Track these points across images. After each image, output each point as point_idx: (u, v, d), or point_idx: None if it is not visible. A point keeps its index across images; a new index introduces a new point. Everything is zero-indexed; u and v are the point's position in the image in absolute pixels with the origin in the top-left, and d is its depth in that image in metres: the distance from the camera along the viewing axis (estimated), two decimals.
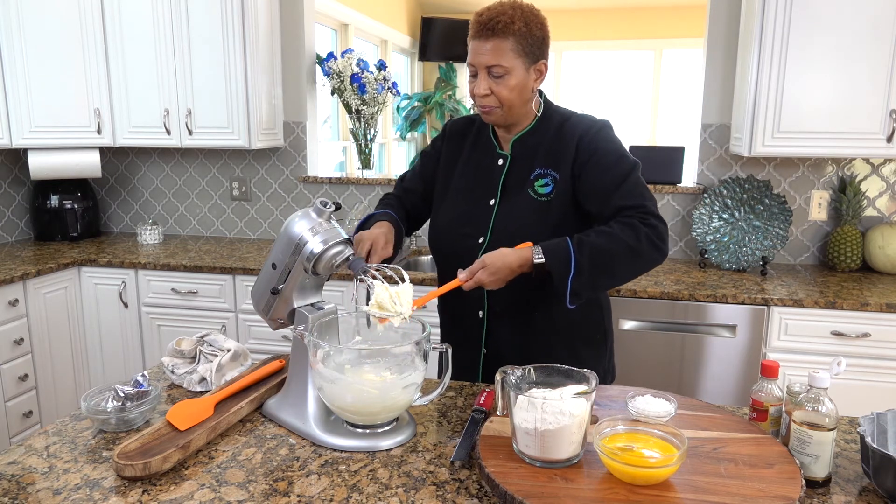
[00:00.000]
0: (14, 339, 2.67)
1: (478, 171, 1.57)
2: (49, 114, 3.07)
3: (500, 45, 1.39)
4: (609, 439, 1.08)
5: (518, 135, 1.53)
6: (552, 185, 1.48)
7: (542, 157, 1.50)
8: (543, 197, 1.48)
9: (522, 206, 1.49)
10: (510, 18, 1.39)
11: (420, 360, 1.23)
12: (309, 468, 1.15)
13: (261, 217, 3.54)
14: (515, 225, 1.49)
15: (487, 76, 1.42)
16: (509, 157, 1.53)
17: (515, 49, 1.40)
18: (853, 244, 2.77)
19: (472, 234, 1.52)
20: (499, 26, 1.38)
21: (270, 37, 3.21)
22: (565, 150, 1.48)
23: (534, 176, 1.50)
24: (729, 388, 2.51)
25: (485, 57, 1.40)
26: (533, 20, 1.41)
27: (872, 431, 1.12)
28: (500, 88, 1.42)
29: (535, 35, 1.42)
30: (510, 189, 1.52)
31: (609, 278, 1.40)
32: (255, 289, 1.40)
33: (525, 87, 1.45)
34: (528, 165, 1.51)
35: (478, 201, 1.54)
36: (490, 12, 1.40)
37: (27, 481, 1.11)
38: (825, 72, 2.51)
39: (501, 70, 1.40)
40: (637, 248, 1.37)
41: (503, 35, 1.38)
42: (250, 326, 2.91)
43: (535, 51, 1.43)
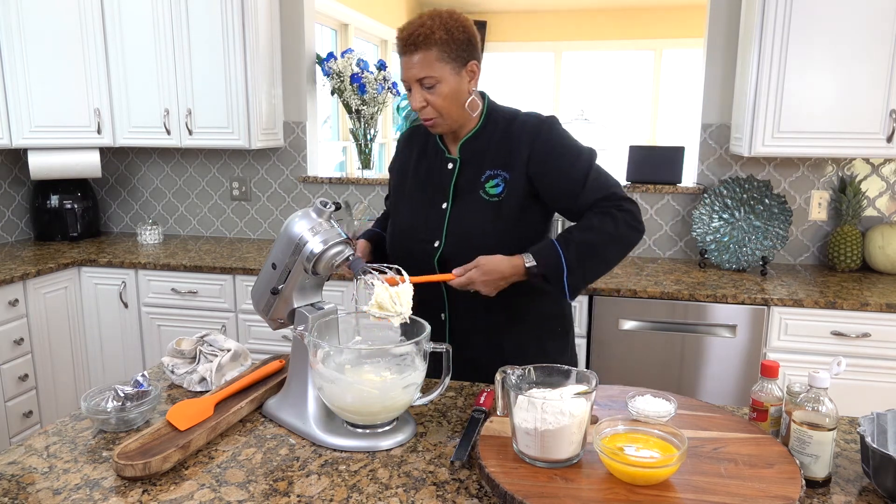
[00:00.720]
0: (14, 339, 2.67)
1: (429, 176, 1.60)
2: (49, 114, 3.07)
3: (425, 57, 1.43)
4: (609, 439, 1.08)
5: (465, 138, 1.57)
6: (503, 185, 1.52)
7: (492, 158, 1.54)
8: (494, 197, 1.52)
9: (474, 207, 1.53)
10: (429, 29, 1.42)
11: (420, 360, 1.23)
12: (309, 468, 1.15)
13: (261, 217, 3.54)
14: (468, 226, 1.53)
15: (420, 88, 1.46)
16: (458, 161, 1.57)
17: (441, 57, 1.43)
18: (853, 244, 2.77)
19: (428, 239, 1.56)
20: (420, 39, 1.42)
21: (270, 37, 3.21)
22: (516, 151, 1.52)
23: (484, 178, 1.54)
24: (729, 388, 2.51)
25: (413, 70, 1.44)
26: (453, 25, 1.45)
27: (872, 431, 1.12)
28: (434, 98, 1.46)
29: (458, 39, 1.45)
30: (461, 192, 1.55)
31: (599, 267, 1.48)
32: (255, 289, 1.40)
33: (459, 92, 1.48)
34: (477, 167, 1.55)
35: (431, 206, 1.58)
36: (410, 27, 1.45)
37: (27, 481, 1.11)
38: (825, 72, 2.51)
39: (432, 80, 1.44)
40: (617, 234, 1.45)
41: (426, 47, 1.42)
42: (250, 326, 2.91)
43: (462, 54, 1.46)
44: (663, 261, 3.04)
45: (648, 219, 3.10)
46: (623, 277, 2.67)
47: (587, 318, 2.58)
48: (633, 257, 3.10)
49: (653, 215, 3.10)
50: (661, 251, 3.12)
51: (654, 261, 3.03)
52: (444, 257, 1.54)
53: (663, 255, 3.13)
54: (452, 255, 1.52)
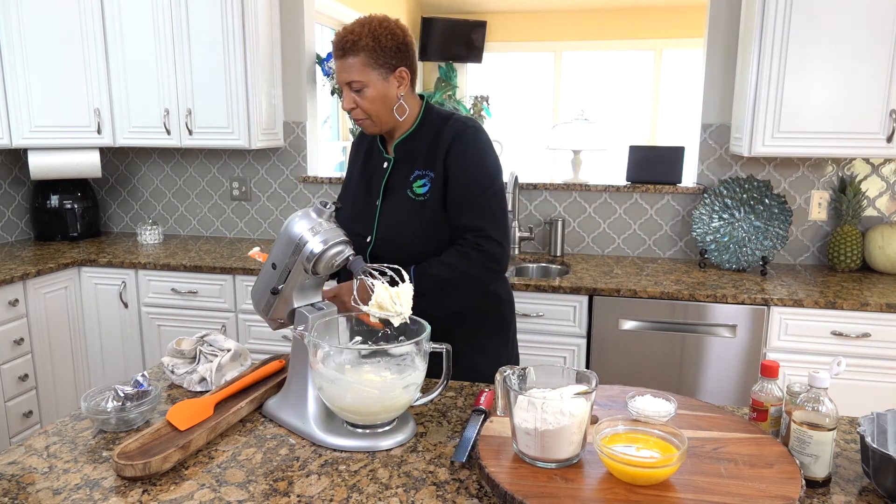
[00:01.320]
0: (14, 339, 2.67)
1: (370, 174, 1.68)
2: (49, 114, 3.07)
3: (353, 62, 1.50)
4: (609, 439, 1.08)
5: (400, 138, 1.63)
6: (429, 185, 1.58)
7: (422, 158, 1.60)
8: (420, 197, 1.58)
9: (400, 206, 1.60)
10: (357, 36, 1.49)
11: (420, 360, 1.23)
12: (309, 468, 1.15)
13: (261, 217, 3.54)
14: (395, 224, 1.59)
15: (350, 91, 1.54)
16: (392, 160, 1.63)
17: (367, 63, 1.50)
18: (853, 244, 2.77)
19: (362, 234, 1.64)
20: (348, 45, 1.50)
21: (270, 37, 3.21)
22: (439, 153, 1.58)
23: (413, 177, 1.60)
24: (729, 388, 2.51)
25: (342, 74, 1.52)
26: (381, 33, 1.50)
27: (872, 431, 1.12)
28: (362, 101, 1.53)
29: (386, 46, 1.51)
30: (392, 190, 1.62)
31: (454, 301, 1.56)
32: (255, 289, 1.40)
33: (386, 96, 1.54)
34: (408, 167, 1.61)
35: (366, 203, 1.65)
36: (342, 33, 1.52)
37: (27, 481, 1.11)
38: (825, 72, 2.51)
39: (359, 84, 1.52)
40: (470, 273, 1.53)
41: (353, 52, 1.50)
42: (250, 326, 2.91)
43: (390, 61, 1.52)
44: (663, 261, 3.04)
45: (648, 219, 3.10)
46: (623, 277, 2.67)
47: (587, 318, 2.58)
48: (633, 257, 3.11)
49: (653, 215, 3.10)
50: (661, 251, 3.13)
51: (654, 261, 3.03)
52: (374, 252, 1.62)
53: (663, 255, 3.13)
54: (382, 251, 1.60)
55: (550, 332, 2.61)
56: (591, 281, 2.61)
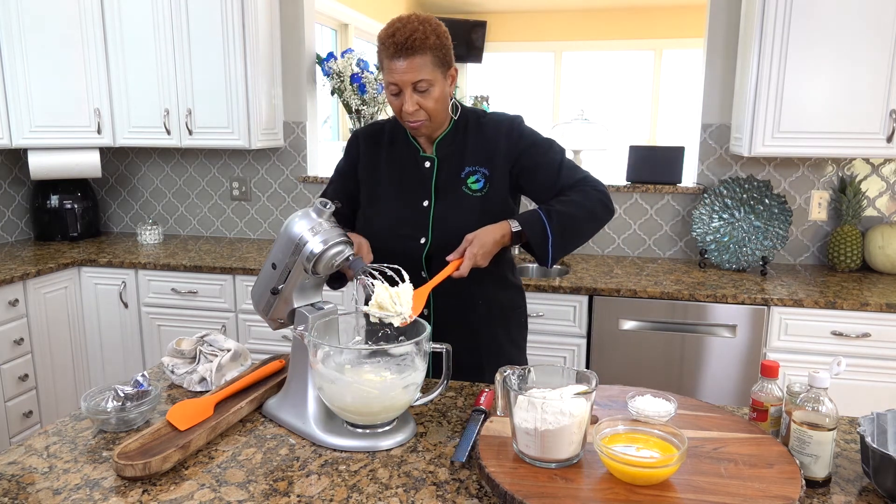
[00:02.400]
0: (14, 339, 2.67)
1: (404, 175, 1.63)
2: (49, 114, 3.07)
3: (422, 61, 1.45)
4: (609, 439, 1.08)
5: (440, 137, 1.61)
6: (483, 180, 1.58)
7: (470, 155, 1.59)
8: (477, 192, 1.58)
9: (458, 203, 1.58)
10: (424, 34, 1.44)
11: (420, 360, 1.23)
12: (309, 468, 1.15)
13: (261, 217, 3.54)
14: (454, 222, 1.57)
15: (413, 92, 1.48)
16: (436, 160, 1.60)
17: (434, 62, 1.47)
18: (853, 244, 2.77)
19: (413, 236, 1.59)
20: (416, 43, 1.43)
21: (270, 37, 3.21)
22: (493, 147, 1.58)
23: (464, 174, 1.59)
24: (729, 388, 2.51)
25: (408, 75, 1.45)
26: (441, 32, 1.50)
27: (872, 431, 1.12)
28: (426, 102, 1.49)
29: (446, 45, 1.50)
30: (443, 189, 1.60)
31: (576, 239, 1.57)
32: (255, 289, 1.40)
33: (445, 96, 1.53)
34: (457, 165, 1.60)
35: (411, 204, 1.61)
36: (404, 31, 1.44)
37: (27, 481, 1.11)
38: (825, 72, 2.51)
39: (426, 84, 1.47)
40: (594, 210, 1.55)
41: (422, 51, 1.44)
42: (250, 326, 2.91)
43: (448, 59, 1.51)
44: (663, 261, 3.04)
45: (648, 219, 3.10)
46: (623, 277, 2.67)
47: (587, 318, 2.58)
48: (633, 257, 3.10)
49: (653, 215, 3.10)
50: (661, 251, 3.12)
51: (654, 261, 3.03)
52: (430, 253, 1.58)
53: (663, 255, 3.13)
54: (439, 251, 1.56)
55: (550, 332, 2.61)
56: (591, 281, 2.61)
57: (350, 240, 1.34)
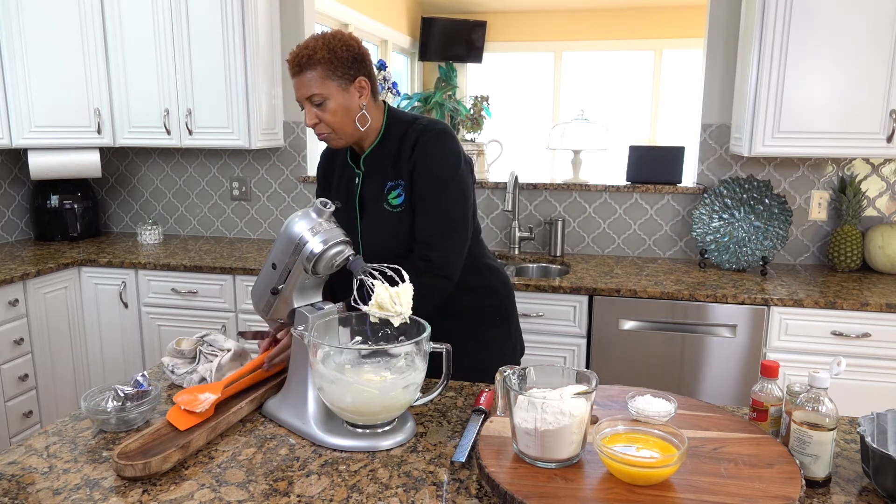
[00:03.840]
0: (14, 339, 2.67)
1: (344, 189, 1.66)
2: (49, 114, 3.07)
3: (311, 76, 1.48)
4: (609, 439, 1.08)
5: (367, 151, 1.60)
6: (403, 195, 1.56)
7: (391, 169, 1.58)
8: (397, 208, 1.57)
9: (379, 219, 1.59)
10: (312, 50, 1.47)
11: (420, 360, 1.23)
12: (309, 468, 1.15)
13: (261, 217, 3.54)
14: (376, 238, 1.59)
15: (311, 106, 1.51)
16: (362, 174, 1.61)
17: (325, 75, 1.48)
18: (853, 244, 2.77)
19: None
20: (304, 60, 1.48)
21: (270, 37, 3.21)
22: (408, 160, 1.55)
23: (386, 189, 1.58)
24: (729, 388, 2.51)
25: (302, 90, 1.50)
26: (336, 44, 1.49)
27: (872, 431, 1.12)
28: (324, 115, 1.50)
29: (342, 57, 1.49)
30: (368, 204, 1.61)
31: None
32: (255, 289, 1.40)
33: (349, 108, 1.51)
34: (379, 179, 1.59)
35: (347, 220, 1.63)
36: (297, 50, 1.50)
37: (27, 481, 1.11)
38: (825, 72, 2.51)
39: (319, 98, 1.49)
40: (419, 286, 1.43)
41: (310, 66, 1.47)
42: (250, 326, 2.91)
43: (348, 71, 1.50)
44: (663, 261, 3.04)
45: (648, 219, 3.10)
46: (623, 277, 2.67)
47: (587, 318, 2.58)
48: (633, 257, 3.11)
49: (653, 215, 3.10)
50: (661, 251, 3.13)
51: (654, 261, 3.03)
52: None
53: (663, 255, 3.13)
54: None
55: (550, 332, 2.61)
56: (591, 281, 2.61)
57: (350, 240, 1.34)
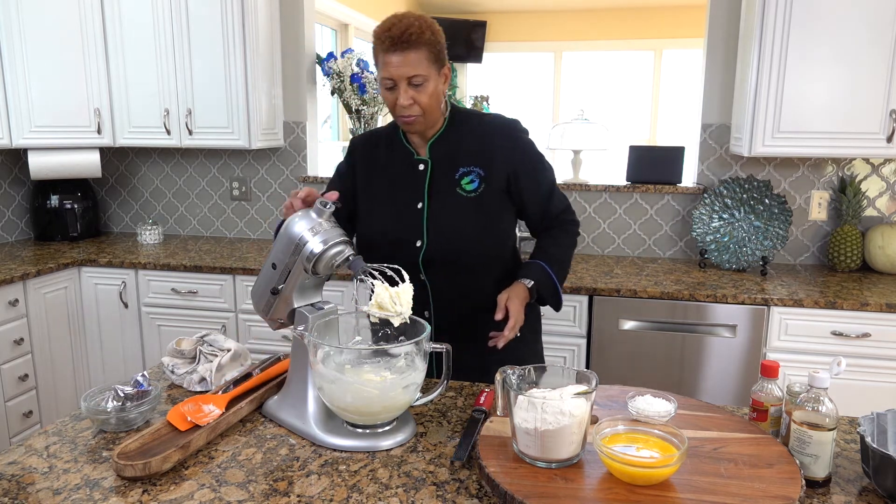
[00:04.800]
0: (14, 339, 2.67)
1: (398, 179, 1.63)
2: (49, 114, 3.07)
3: (417, 56, 1.46)
4: (609, 439, 1.08)
5: (433, 138, 1.60)
6: (478, 181, 1.58)
7: (465, 155, 1.59)
8: (472, 193, 1.57)
9: (452, 204, 1.58)
10: (419, 29, 1.45)
11: (420, 360, 1.23)
12: (309, 468, 1.15)
13: (261, 217, 3.54)
14: (449, 223, 1.57)
15: (408, 87, 1.48)
16: (430, 161, 1.60)
17: (429, 57, 1.48)
18: (853, 244, 2.77)
19: (409, 239, 1.59)
20: (412, 38, 1.44)
21: (270, 37, 3.21)
22: (490, 147, 1.59)
23: (458, 175, 1.58)
24: (729, 388, 2.51)
25: (404, 69, 1.46)
26: (436, 29, 1.51)
27: (872, 431, 1.12)
28: (420, 97, 1.49)
29: (441, 42, 1.50)
30: (437, 191, 1.59)
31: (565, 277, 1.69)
32: (255, 289, 1.40)
33: (439, 93, 1.53)
34: (451, 166, 1.59)
35: (406, 207, 1.60)
36: (400, 26, 1.45)
37: (27, 481, 1.11)
38: (825, 72, 2.51)
39: (421, 79, 1.47)
40: (573, 247, 1.72)
41: (417, 46, 1.45)
42: (250, 326, 2.91)
43: (442, 57, 1.52)
44: (663, 261, 3.04)
45: (648, 219, 3.10)
46: (623, 277, 2.67)
47: (587, 318, 2.58)
48: (633, 257, 3.10)
49: (653, 215, 3.10)
50: (661, 251, 3.12)
51: (654, 261, 3.03)
52: (427, 256, 1.57)
53: (663, 255, 3.13)
54: (436, 254, 1.57)
55: (550, 332, 2.61)
56: (590, 281, 2.61)
57: (350, 240, 1.34)
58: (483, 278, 1.61)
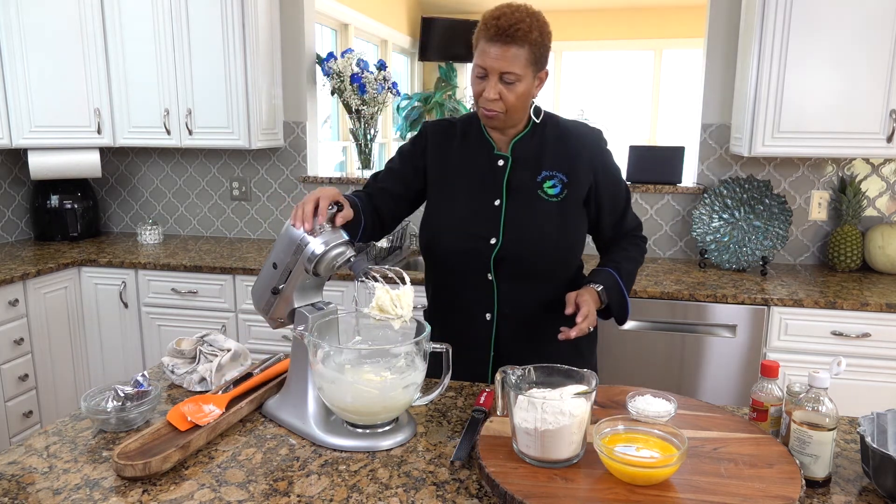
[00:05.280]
0: (14, 339, 2.67)
1: (475, 171, 1.57)
2: (49, 114, 3.07)
3: (517, 53, 1.39)
4: (609, 439, 1.08)
5: (517, 137, 1.55)
6: (560, 186, 1.53)
7: (549, 159, 1.54)
8: (554, 198, 1.53)
9: (533, 206, 1.53)
10: (528, 27, 1.39)
11: (420, 360, 1.23)
12: (309, 468, 1.15)
13: (261, 217, 3.54)
14: (528, 225, 1.52)
15: (498, 81, 1.42)
16: (510, 159, 1.55)
17: (529, 58, 1.41)
18: (853, 244, 2.77)
19: (482, 235, 1.53)
20: (518, 34, 1.38)
21: (270, 37, 3.21)
22: (575, 157, 1.55)
23: (541, 178, 1.54)
24: (729, 388, 2.51)
25: (500, 62, 1.40)
26: (545, 30, 1.44)
27: (872, 431, 1.12)
28: (508, 94, 1.43)
29: (546, 45, 1.44)
30: (516, 190, 1.54)
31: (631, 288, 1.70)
32: (256, 288, 1.40)
33: (529, 95, 1.47)
34: (533, 167, 1.54)
35: (482, 202, 1.55)
36: (509, 18, 1.39)
37: (27, 481, 1.11)
38: (825, 71, 2.51)
39: (513, 77, 1.41)
40: (641, 261, 1.69)
41: (520, 43, 1.39)
42: (250, 326, 2.91)
43: (543, 60, 1.45)
44: (663, 261, 3.04)
45: (648, 219, 3.10)
46: None
47: None
48: None
49: (653, 215, 3.10)
50: (661, 251, 3.12)
51: (654, 261, 3.03)
52: (501, 254, 1.52)
53: (663, 255, 3.13)
54: (509, 253, 1.52)
55: None
56: None
57: (352, 241, 1.33)
58: (550, 284, 1.56)
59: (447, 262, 1.59)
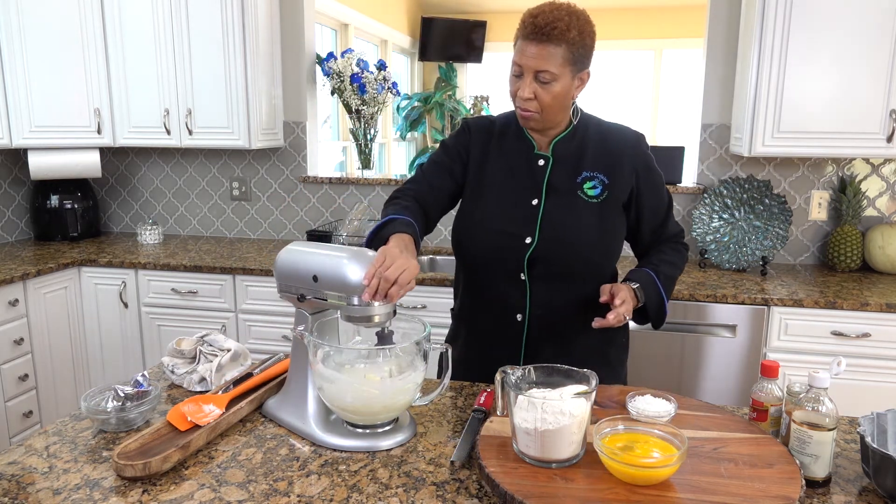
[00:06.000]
0: (14, 339, 2.67)
1: (513, 170, 1.55)
2: (49, 114, 3.07)
3: (553, 52, 1.37)
4: (609, 439, 1.08)
5: (558, 137, 1.53)
6: (600, 187, 1.51)
7: (590, 160, 1.52)
8: (594, 199, 1.51)
9: (572, 207, 1.50)
10: (566, 25, 1.36)
11: (420, 360, 1.23)
12: (309, 468, 1.15)
13: (261, 217, 3.54)
14: (565, 225, 1.50)
15: (533, 80, 1.40)
16: (551, 159, 1.53)
17: (566, 57, 1.38)
18: (853, 244, 2.77)
19: (518, 234, 1.51)
20: (554, 32, 1.35)
21: (270, 37, 3.21)
22: (617, 157, 1.52)
23: (581, 178, 1.52)
24: (729, 388, 2.51)
25: (535, 61, 1.38)
26: (586, 29, 1.40)
27: (872, 431, 1.12)
28: (543, 94, 1.41)
29: (587, 44, 1.40)
30: (555, 190, 1.52)
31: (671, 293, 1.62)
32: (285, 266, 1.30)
33: (567, 95, 1.44)
34: (573, 168, 1.52)
35: (519, 201, 1.53)
36: (547, 16, 1.36)
37: (27, 481, 1.11)
38: (825, 71, 2.51)
39: (549, 76, 1.39)
40: (682, 268, 1.65)
41: (557, 42, 1.36)
42: (250, 326, 2.91)
43: (583, 60, 1.42)
44: None
45: None
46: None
47: None
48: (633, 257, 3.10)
49: None
50: None
51: None
52: (535, 254, 1.49)
53: None
54: (544, 253, 1.49)
55: None
56: None
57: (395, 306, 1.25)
58: (583, 288, 1.53)
59: (480, 260, 1.56)
